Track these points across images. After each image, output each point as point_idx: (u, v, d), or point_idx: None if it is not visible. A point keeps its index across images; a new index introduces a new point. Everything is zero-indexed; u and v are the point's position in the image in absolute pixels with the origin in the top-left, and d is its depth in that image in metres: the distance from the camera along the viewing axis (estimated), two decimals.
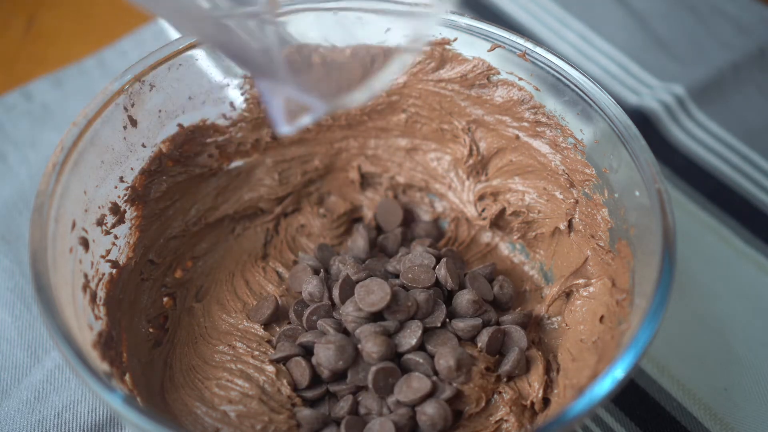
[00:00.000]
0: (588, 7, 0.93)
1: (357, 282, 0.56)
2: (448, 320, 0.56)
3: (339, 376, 0.55)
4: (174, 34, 0.87)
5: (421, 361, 0.54)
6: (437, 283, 0.58)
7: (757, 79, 0.87)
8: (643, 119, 0.81)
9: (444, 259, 0.58)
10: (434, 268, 0.59)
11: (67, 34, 0.89)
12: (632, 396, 0.62)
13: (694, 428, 0.61)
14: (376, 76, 0.44)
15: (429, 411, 0.52)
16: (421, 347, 0.55)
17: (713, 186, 0.77)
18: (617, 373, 0.44)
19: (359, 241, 0.64)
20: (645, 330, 0.45)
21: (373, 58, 0.47)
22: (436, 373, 0.54)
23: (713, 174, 0.78)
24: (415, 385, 0.53)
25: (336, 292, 0.56)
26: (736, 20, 0.92)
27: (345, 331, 0.55)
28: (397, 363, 0.54)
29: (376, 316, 0.55)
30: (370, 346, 0.53)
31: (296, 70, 0.48)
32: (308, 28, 0.59)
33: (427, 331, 0.55)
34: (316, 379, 0.55)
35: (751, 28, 0.91)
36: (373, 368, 0.53)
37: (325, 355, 0.53)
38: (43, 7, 0.92)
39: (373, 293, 0.55)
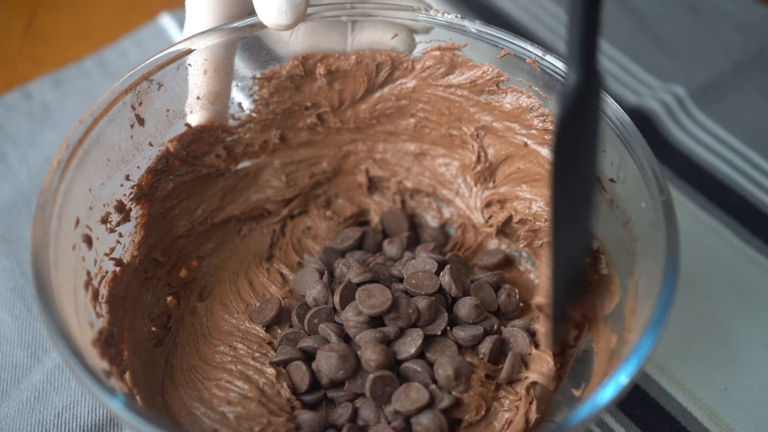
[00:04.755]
0: None
1: (359, 285, 0.56)
2: (449, 328, 0.56)
3: (338, 382, 0.54)
4: (173, 34, 0.87)
5: (419, 369, 0.53)
6: (440, 290, 0.58)
7: (757, 79, 0.87)
8: (643, 119, 0.81)
9: (448, 266, 0.58)
10: (438, 273, 0.58)
11: (67, 35, 0.89)
12: (632, 396, 0.62)
13: (694, 428, 0.61)
14: None
15: (424, 421, 0.51)
16: (420, 355, 0.54)
17: (713, 186, 0.77)
18: (621, 379, 0.44)
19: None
20: (648, 338, 0.45)
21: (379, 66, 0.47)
22: (435, 381, 0.54)
23: (713, 174, 0.78)
24: (413, 395, 0.52)
25: (337, 298, 0.56)
26: (737, 21, 0.92)
27: (346, 337, 0.55)
28: (396, 370, 0.54)
29: (376, 321, 0.55)
30: (369, 353, 0.53)
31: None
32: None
33: (428, 339, 0.55)
34: (314, 384, 0.55)
35: (751, 28, 0.91)
36: (371, 376, 0.52)
37: (327, 363, 0.53)
38: (43, 8, 0.92)
39: (374, 297, 0.54)
